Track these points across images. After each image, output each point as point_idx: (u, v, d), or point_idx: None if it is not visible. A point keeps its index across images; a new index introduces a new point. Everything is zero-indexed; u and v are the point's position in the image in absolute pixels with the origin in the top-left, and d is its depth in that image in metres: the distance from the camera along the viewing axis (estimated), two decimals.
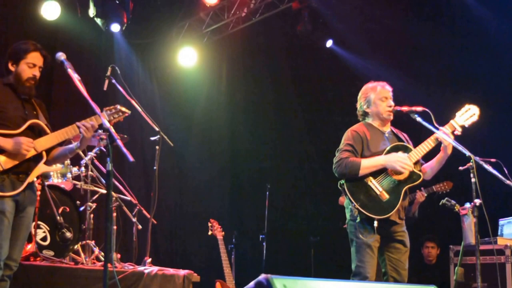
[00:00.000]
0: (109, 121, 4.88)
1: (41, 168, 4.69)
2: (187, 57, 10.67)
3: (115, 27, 9.28)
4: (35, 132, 4.71)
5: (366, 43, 10.09)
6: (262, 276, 3.17)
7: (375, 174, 5.29)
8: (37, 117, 4.80)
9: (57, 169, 6.61)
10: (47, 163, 4.84)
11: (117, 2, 9.08)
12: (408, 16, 9.89)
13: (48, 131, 4.76)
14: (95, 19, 9.16)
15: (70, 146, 4.88)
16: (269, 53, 11.24)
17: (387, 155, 5.28)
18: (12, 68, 4.76)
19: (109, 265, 3.78)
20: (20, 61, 4.74)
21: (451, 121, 5.35)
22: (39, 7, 8.74)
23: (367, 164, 5.25)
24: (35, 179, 4.78)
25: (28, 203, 4.71)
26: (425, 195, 7.69)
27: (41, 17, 8.76)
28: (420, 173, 5.34)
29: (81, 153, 6.90)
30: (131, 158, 3.73)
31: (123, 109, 5.01)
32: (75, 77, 4.40)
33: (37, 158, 4.66)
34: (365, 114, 5.59)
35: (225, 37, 10.84)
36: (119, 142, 3.79)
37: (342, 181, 5.31)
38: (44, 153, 4.71)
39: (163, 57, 10.77)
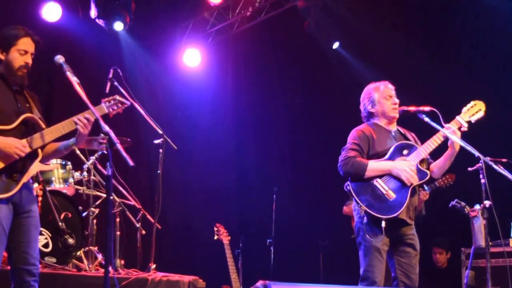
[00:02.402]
0: (109, 113, 4.70)
1: (36, 166, 4.49)
2: (192, 57, 10.74)
3: (118, 26, 9.36)
4: (29, 127, 4.50)
5: (371, 45, 10.10)
6: (259, 283, 3.19)
7: None
8: (31, 110, 4.57)
9: (53, 167, 6.49)
10: (41, 160, 4.64)
11: (117, 2, 9.14)
12: (415, 13, 9.91)
13: (43, 125, 4.54)
14: (97, 20, 9.22)
15: (66, 142, 4.65)
16: (275, 53, 11.25)
17: (396, 162, 5.31)
18: (1, 56, 4.53)
19: (112, 271, 3.79)
20: (10, 48, 4.51)
21: (457, 117, 5.35)
22: (39, 8, 8.83)
23: (374, 167, 5.29)
24: (30, 180, 4.66)
25: (28, 203, 4.50)
26: (428, 192, 7.66)
27: (42, 19, 8.84)
28: (427, 171, 5.36)
29: (83, 157, 6.96)
30: (131, 163, 3.71)
31: (122, 99, 4.80)
32: (74, 80, 4.32)
33: (32, 156, 4.45)
34: (370, 115, 5.63)
35: (230, 37, 10.88)
36: (119, 146, 3.79)
37: (348, 182, 5.35)
38: (39, 151, 4.51)
39: (167, 58, 10.81)
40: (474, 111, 5.38)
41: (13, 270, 4.46)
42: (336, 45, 10.52)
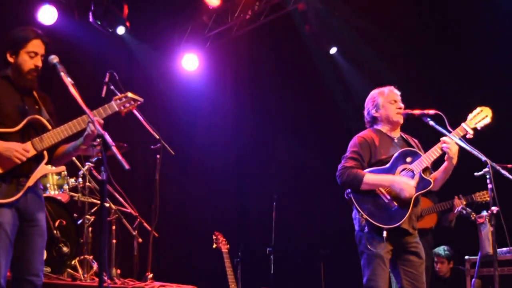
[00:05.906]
0: (120, 112, 4.62)
1: (42, 169, 4.40)
2: (190, 62, 10.71)
3: (121, 30, 9.48)
4: (36, 129, 4.41)
5: (371, 50, 10.07)
6: None
7: None
8: (39, 113, 4.48)
9: (60, 170, 6.43)
10: (52, 163, 4.62)
11: (114, 6, 9.17)
12: (418, 15, 9.90)
13: (49, 127, 4.44)
14: (96, 21, 9.23)
15: (74, 142, 4.54)
16: (275, 57, 11.22)
17: (394, 176, 5.21)
18: (11, 59, 4.46)
19: (108, 281, 3.71)
20: (19, 51, 4.44)
21: (463, 124, 5.27)
22: (35, 12, 8.80)
23: (370, 180, 5.19)
24: (41, 186, 4.55)
25: (35, 209, 4.39)
26: (464, 203, 7.54)
27: (38, 22, 8.81)
28: (431, 180, 5.28)
29: (78, 163, 6.90)
30: (126, 166, 3.63)
31: (135, 97, 4.67)
32: (68, 81, 4.24)
33: (38, 158, 4.37)
34: (374, 120, 5.55)
35: (229, 41, 10.85)
36: (114, 149, 3.72)
37: (348, 190, 5.28)
38: (45, 153, 4.42)
39: (165, 62, 10.77)
40: (480, 117, 5.30)
41: (15, 280, 4.36)
42: (333, 50, 10.50)
